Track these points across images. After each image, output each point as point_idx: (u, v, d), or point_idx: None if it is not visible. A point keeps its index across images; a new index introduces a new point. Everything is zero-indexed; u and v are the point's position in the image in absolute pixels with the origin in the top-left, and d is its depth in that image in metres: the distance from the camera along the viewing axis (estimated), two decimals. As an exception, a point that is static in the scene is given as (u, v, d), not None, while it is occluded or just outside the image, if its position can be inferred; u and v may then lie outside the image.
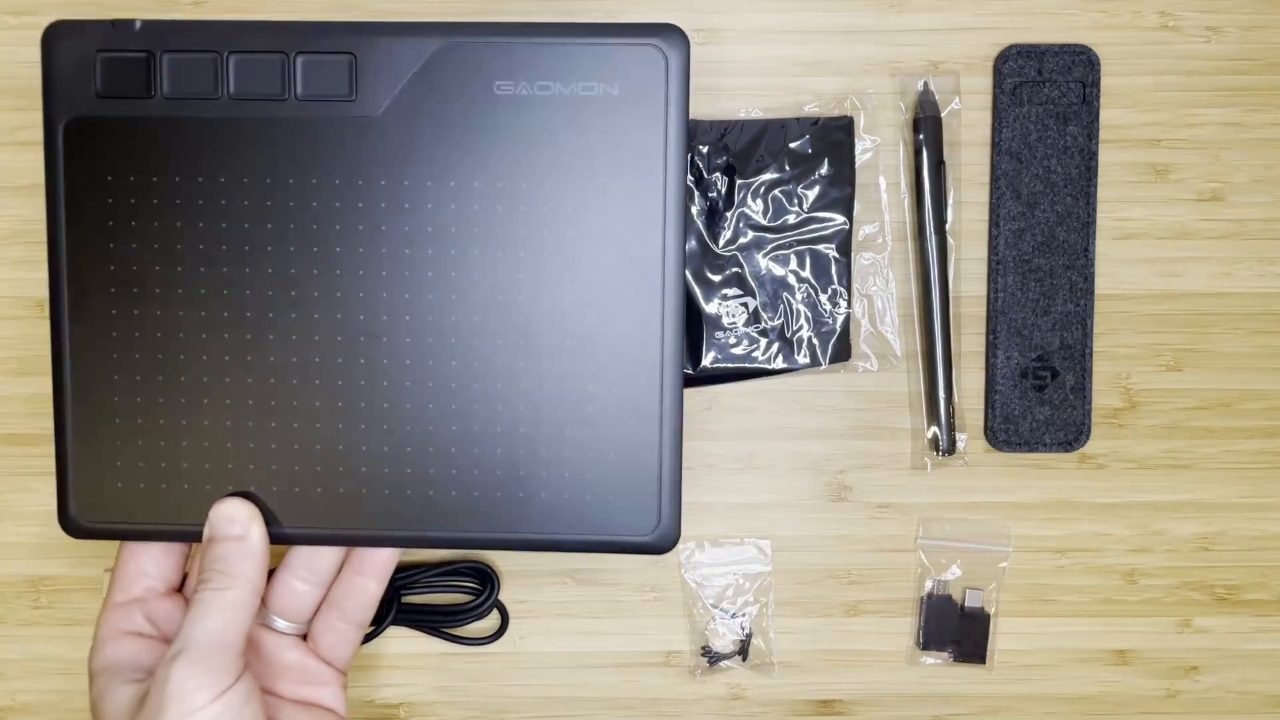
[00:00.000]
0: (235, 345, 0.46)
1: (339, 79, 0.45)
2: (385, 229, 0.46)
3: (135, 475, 0.47)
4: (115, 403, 0.47)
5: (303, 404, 0.46)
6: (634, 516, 0.47)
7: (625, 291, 0.46)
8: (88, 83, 0.46)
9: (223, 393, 0.47)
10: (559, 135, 0.45)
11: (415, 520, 0.47)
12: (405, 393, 0.46)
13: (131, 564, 0.48)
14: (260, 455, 0.47)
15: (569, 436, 0.46)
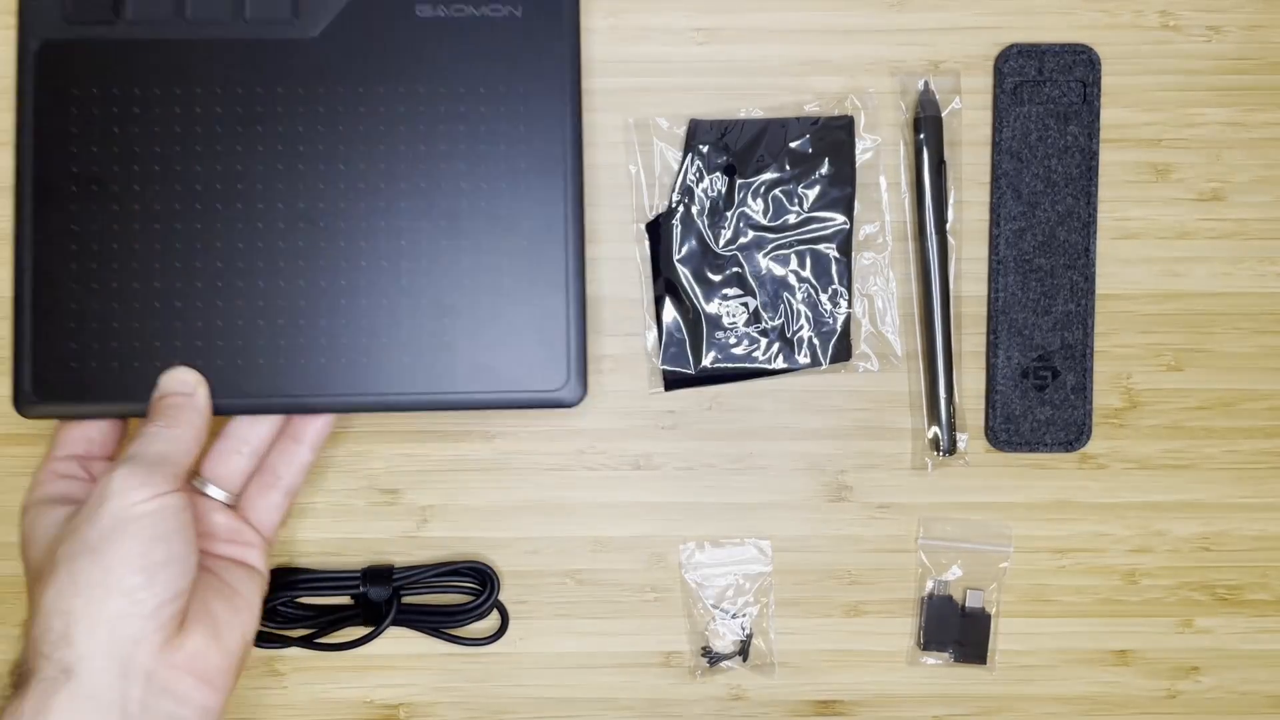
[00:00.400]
0: (186, 235, 0.51)
1: (282, 3, 0.52)
2: (322, 131, 0.52)
3: (88, 356, 0.51)
4: (72, 289, 0.51)
5: (247, 285, 0.52)
6: (545, 375, 0.52)
7: (533, 177, 0.52)
8: (57, 7, 0.51)
9: (172, 277, 0.51)
10: (471, 50, 0.52)
11: (351, 385, 0.52)
12: (340, 272, 0.52)
13: (75, 429, 0.51)
14: (207, 334, 0.51)
15: (487, 305, 0.52)
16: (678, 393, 0.59)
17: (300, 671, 0.59)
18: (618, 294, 0.58)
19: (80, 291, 0.51)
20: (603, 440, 0.59)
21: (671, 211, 0.58)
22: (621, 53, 0.58)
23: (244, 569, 0.51)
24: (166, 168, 0.51)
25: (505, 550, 0.59)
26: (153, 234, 0.51)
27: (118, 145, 0.51)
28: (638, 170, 0.58)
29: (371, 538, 0.59)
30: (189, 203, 0.51)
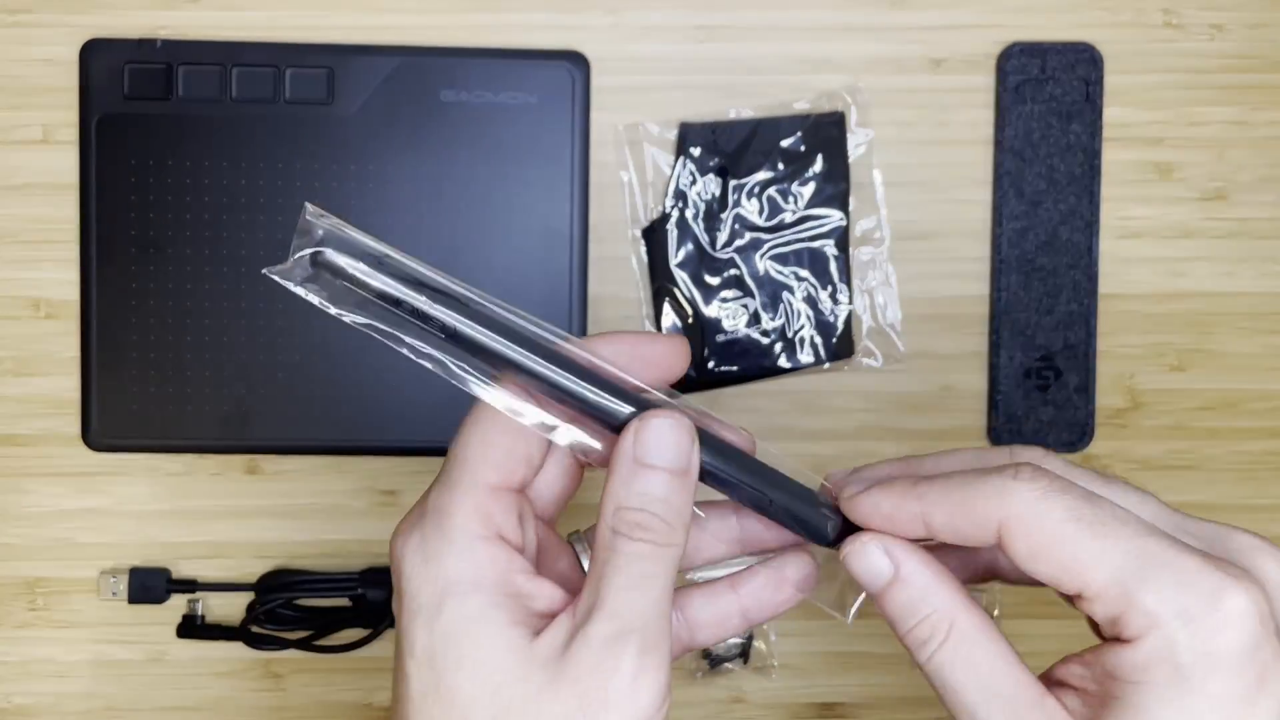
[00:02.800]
0: (233, 294, 0.57)
1: (319, 87, 0.57)
2: (355, 202, 0.58)
3: (146, 400, 0.57)
4: (132, 341, 0.57)
5: (287, 339, 0.57)
6: None
7: (542, 254, 0.57)
8: (117, 87, 0.57)
9: (221, 330, 0.57)
10: (490, 132, 0.57)
11: (377, 430, 0.57)
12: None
13: (502, 439, 0.35)
14: (250, 381, 0.57)
15: None
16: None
17: (299, 674, 0.59)
18: (617, 294, 0.58)
19: (138, 343, 0.57)
20: (602, 441, 0.59)
21: (666, 216, 0.58)
22: (621, 51, 0.58)
23: None
24: (215, 232, 0.57)
25: (504, 552, 0.59)
26: (203, 293, 0.57)
27: (171, 212, 0.57)
28: (630, 177, 0.58)
29: (370, 539, 0.59)
30: (235, 265, 0.57)
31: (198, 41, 0.57)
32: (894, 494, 0.34)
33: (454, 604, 0.33)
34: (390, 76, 0.57)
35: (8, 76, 0.57)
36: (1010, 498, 0.32)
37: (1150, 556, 0.31)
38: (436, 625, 0.33)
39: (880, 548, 0.34)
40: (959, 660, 0.33)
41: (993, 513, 0.32)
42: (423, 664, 0.33)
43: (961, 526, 0.33)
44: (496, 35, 0.57)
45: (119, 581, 0.58)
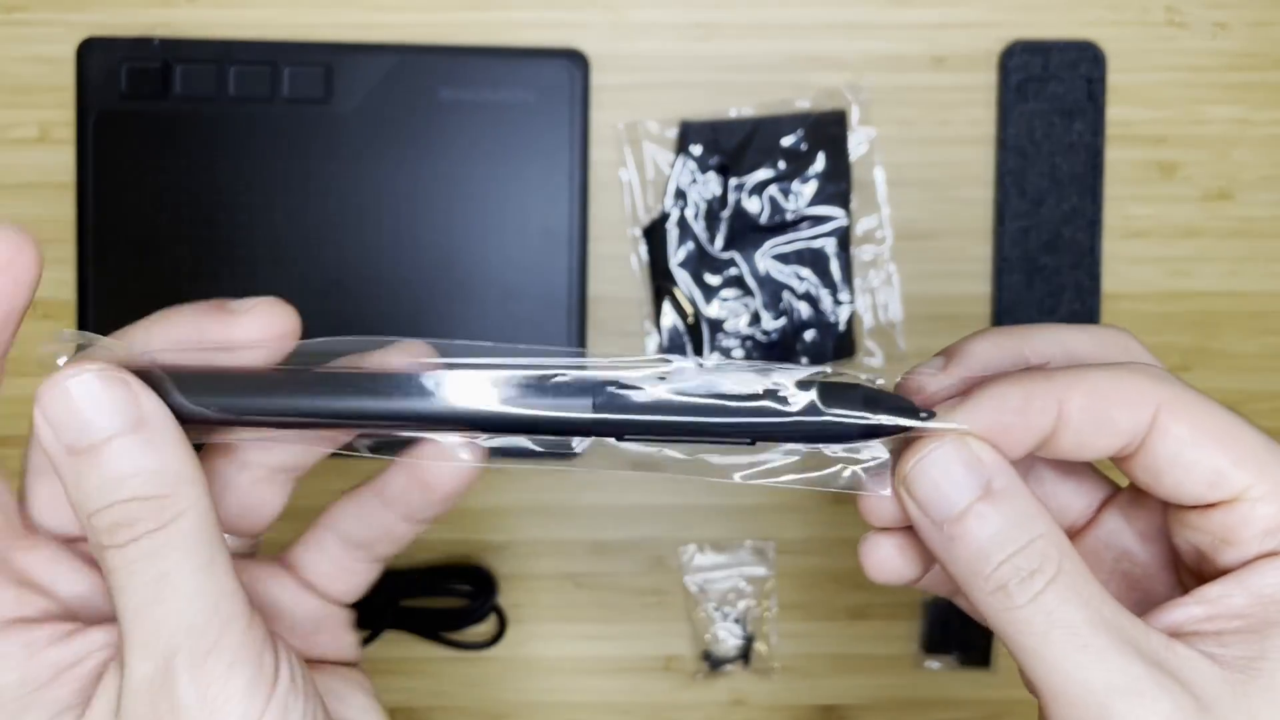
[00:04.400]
0: (229, 293, 0.56)
1: (317, 85, 0.56)
2: (352, 201, 0.57)
3: None
4: None
5: None
6: None
7: (540, 253, 0.57)
8: (114, 86, 0.56)
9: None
10: (488, 130, 0.56)
11: None
12: (365, 331, 0.57)
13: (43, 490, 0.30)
14: None
15: None
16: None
17: (296, 676, 0.59)
18: (617, 293, 0.58)
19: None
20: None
21: (666, 215, 0.57)
22: (621, 49, 0.57)
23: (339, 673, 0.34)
24: (212, 231, 0.57)
25: (503, 553, 0.59)
26: (201, 293, 0.57)
27: (168, 210, 0.56)
28: (629, 176, 0.58)
29: (368, 540, 0.58)
30: (232, 264, 0.57)
31: (195, 40, 0.56)
32: (1021, 384, 0.27)
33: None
34: (388, 75, 0.56)
35: (4, 75, 0.57)
36: (1168, 388, 0.27)
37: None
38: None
39: (971, 450, 0.27)
40: (1077, 595, 0.26)
41: (1150, 393, 0.27)
42: None
43: (1108, 410, 0.27)
44: (495, 33, 0.57)
45: (115, 583, 0.57)
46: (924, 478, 0.27)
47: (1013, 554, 0.26)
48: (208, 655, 0.26)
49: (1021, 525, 0.26)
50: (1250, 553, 0.26)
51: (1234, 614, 0.26)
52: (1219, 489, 0.26)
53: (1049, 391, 0.27)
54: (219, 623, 0.26)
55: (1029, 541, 0.26)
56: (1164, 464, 0.27)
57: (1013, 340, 0.30)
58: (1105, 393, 0.27)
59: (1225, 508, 0.26)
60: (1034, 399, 0.27)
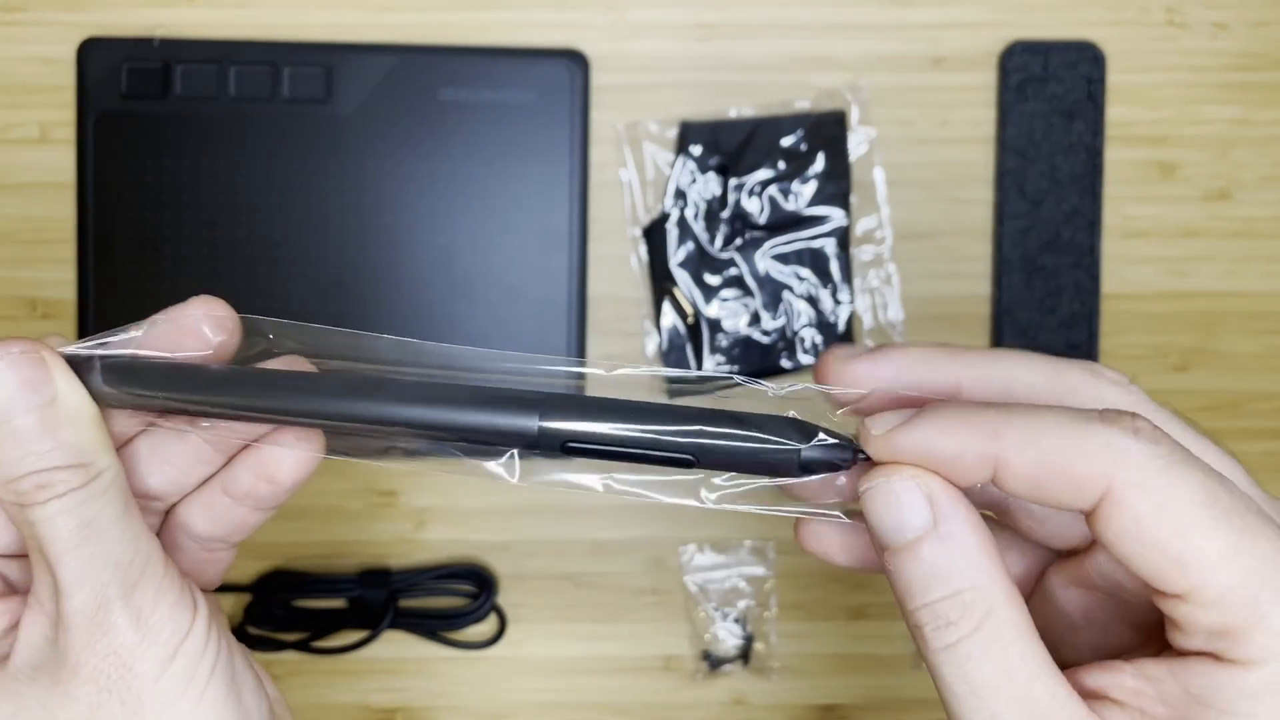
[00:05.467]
0: (229, 293, 0.56)
1: (317, 85, 0.56)
2: (352, 201, 0.57)
3: None
4: None
5: None
6: None
7: (540, 253, 0.57)
8: (115, 86, 0.56)
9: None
10: (488, 131, 0.57)
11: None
12: (365, 330, 0.54)
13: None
14: None
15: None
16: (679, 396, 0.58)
17: (296, 675, 0.59)
18: (617, 293, 0.58)
19: None
20: (602, 441, 0.59)
21: (666, 215, 0.57)
22: (621, 49, 0.57)
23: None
24: (212, 231, 0.57)
25: (503, 553, 0.59)
26: (199, 292, 0.55)
27: (168, 211, 0.56)
28: (629, 176, 0.58)
29: (368, 540, 0.58)
30: (233, 264, 0.57)
31: (195, 40, 0.56)
32: (958, 426, 0.26)
33: None
34: (388, 75, 0.56)
35: (5, 75, 0.57)
36: (1126, 459, 0.24)
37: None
38: None
39: (922, 488, 0.26)
40: (991, 657, 0.25)
41: (1100, 472, 0.24)
42: None
43: (1049, 482, 0.25)
44: (495, 33, 0.57)
45: (115, 583, 0.57)
46: (874, 502, 0.26)
47: (935, 600, 0.26)
48: (135, 585, 0.28)
49: (952, 574, 0.25)
50: (1194, 645, 0.25)
51: (1163, 700, 0.25)
52: (1162, 584, 0.25)
53: (984, 446, 0.25)
54: (141, 559, 0.29)
55: (955, 592, 0.25)
56: (1111, 541, 0.25)
57: (950, 362, 0.28)
58: (1047, 463, 0.25)
59: (1170, 600, 0.25)
60: (966, 451, 0.26)
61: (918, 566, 0.26)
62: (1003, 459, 0.25)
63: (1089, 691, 0.26)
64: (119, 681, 0.28)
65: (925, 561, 0.26)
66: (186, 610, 0.29)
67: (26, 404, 0.28)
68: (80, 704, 0.28)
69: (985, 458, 0.25)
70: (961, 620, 0.25)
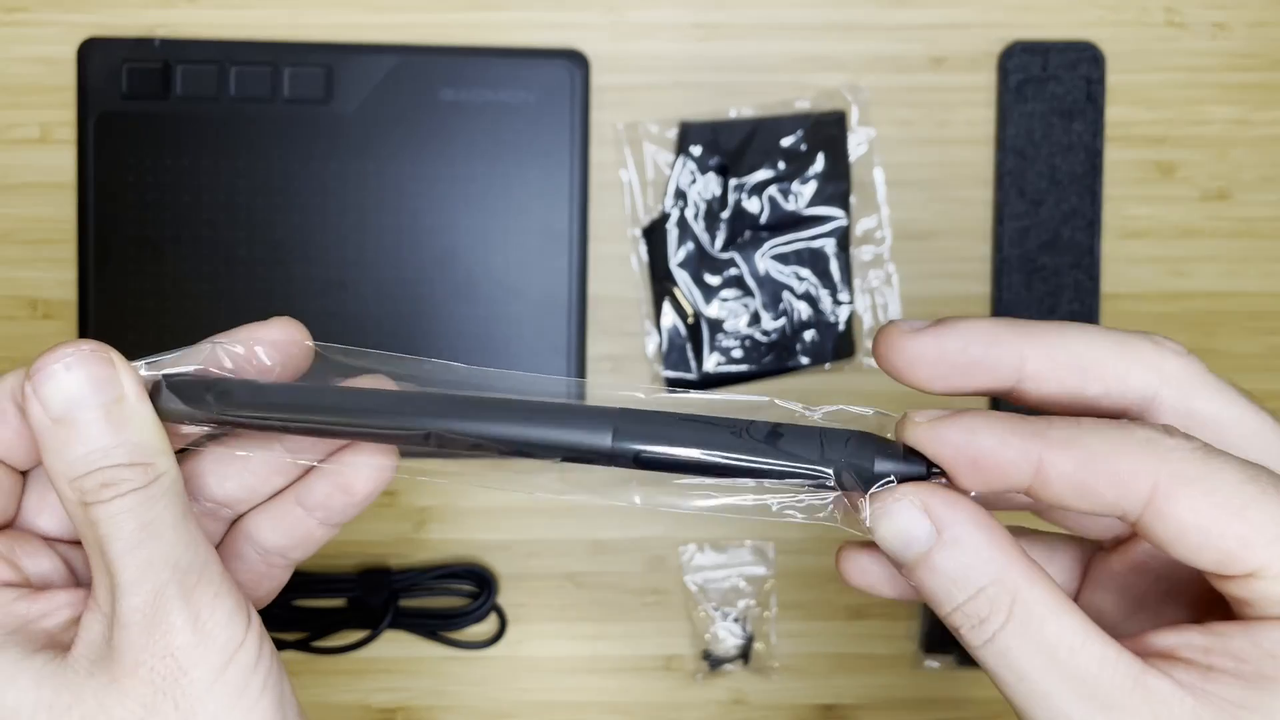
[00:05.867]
0: (229, 294, 0.57)
1: (317, 86, 0.56)
2: (352, 202, 0.57)
3: None
4: (130, 340, 0.56)
5: None
6: None
7: (540, 253, 0.57)
8: (115, 86, 0.56)
9: (218, 330, 0.55)
10: (489, 131, 0.57)
11: None
12: (366, 331, 0.57)
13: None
14: None
15: (497, 367, 0.55)
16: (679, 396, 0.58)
17: (296, 675, 0.59)
18: (617, 293, 0.58)
19: (136, 343, 0.56)
20: (602, 441, 0.59)
21: (666, 216, 0.57)
22: (621, 49, 0.58)
23: None
24: (213, 232, 0.57)
25: (503, 553, 0.59)
26: (201, 293, 0.57)
27: (169, 211, 0.57)
28: (630, 176, 0.58)
29: (368, 540, 0.58)
30: (233, 264, 0.57)
31: (196, 40, 0.57)
32: (1002, 421, 0.26)
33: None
34: (389, 75, 0.56)
35: (6, 75, 0.57)
36: (1170, 455, 0.25)
37: None
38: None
39: (916, 502, 0.26)
40: (1028, 642, 0.26)
41: (1145, 470, 0.24)
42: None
43: (1094, 481, 0.25)
44: (496, 34, 0.57)
45: (116, 582, 0.57)
46: (881, 528, 0.27)
47: (961, 603, 0.26)
48: (195, 587, 0.28)
49: (969, 574, 0.26)
50: (1267, 613, 0.25)
51: (1232, 655, 0.25)
52: (1228, 567, 0.25)
53: (1028, 444, 0.25)
54: (200, 562, 0.29)
55: (978, 590, 0.26)
56: (1165, 540, 0.25)
57: (1016, 336, 0.28)
58: (1096, 464, 0.25)
59: (1238, 580, 0.25)
60: (1009, 447, 0.26)
61: (935, 576, 0.26)
62: (1046, 459, 0.25)
63: (1155, 651, 0.26)
64: (174, 684, 0.28)
65: (940, 570, 0.26)
66: (241, 620, 0.29)
67: (94, 400, 0.28)
68: (135, 702, 0.28)
69: (1028, 454, 0.25)
70: (992, 615, 0.26)
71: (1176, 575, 0.29)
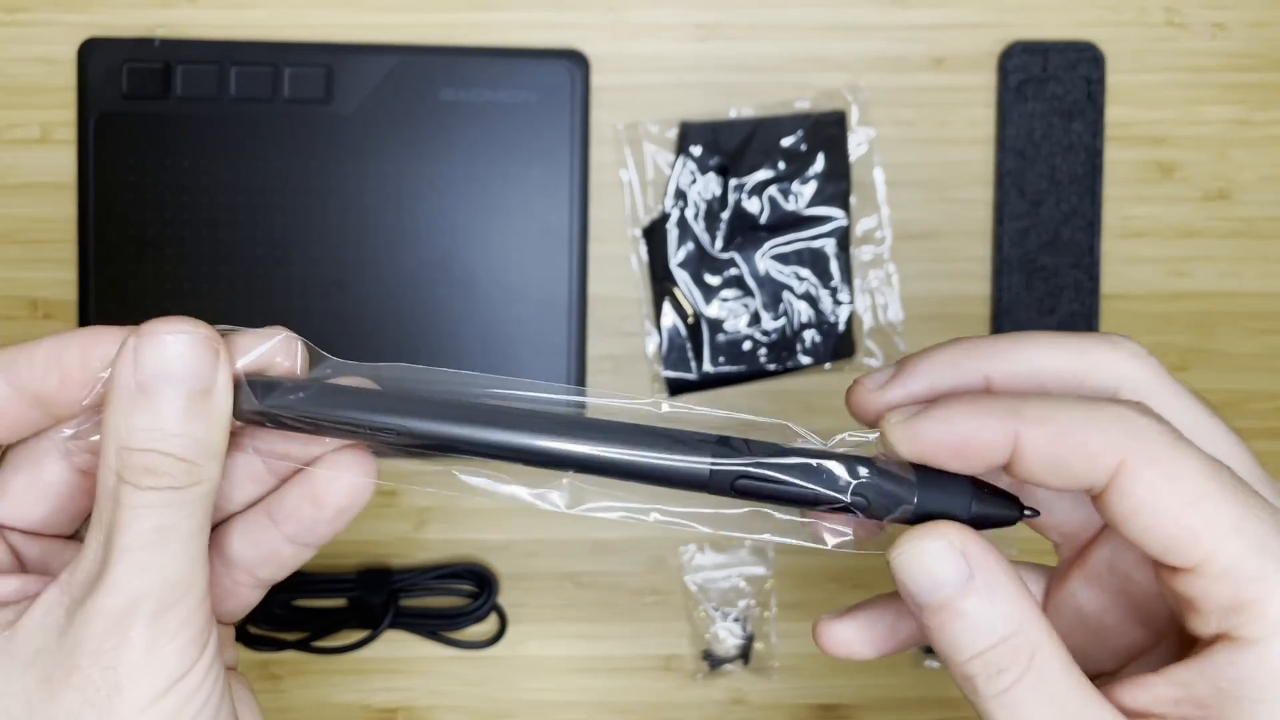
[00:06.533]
0: (230, 295, 0.57)
1: (318, 86, 0.56)
2: (352, 202, 0.57)
3: None
4: None
5: None
6: None
7: (540, 253, 0.57)
8: (115, 86, 0.56)
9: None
10: (489, 131, 0.57)
11: None
12: (366, 331, 0.57)
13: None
14: None
15: (497, 367, 0.57)
16: (679, 396, 0.58)
17: (297, 675, 0.59)
18: (617, 293, 0.58)
19: None
20: (602, 441, 0.59)
21: (666, 216, 0.57)
22: (621, 49, 0.58)
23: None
24: (213, 232, 0.57)
25: (504, 552, 0.59)
26: (201, 293, 0.57)
27: (169, 211, 0.57)
28: (630, 176, 0.58)
29: (368, 540, 0.58)
30: (233, 265, 0.57)
31: (196, 40, 0.57)
32: (977, 406, 0.26)
33: None
34: (389, 75, 0.56)
35: (6, 75, 0.57)
36: (1140, 434, 0.25)
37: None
38: None
39: (955, 543, 0.26)
40: (1041, 695, 0.26)
41: (1114, 444, 0.25)
42: None
43: (1065, 457, 0.26)
44: (496, 34, 0.57)
45: (116, 582, 0.57)
46: (908, 566, 0.27)
47: (983, 650, 0.26)
48: (170, 608, 0.27)
49: (995, 624, 0.26)
50: (1210, 627, 0.25)
51: (1198, 703, 0.25)
52: (1176, 556, 0.25)
53: (1004, 424, 0.26)
54: (188, 584, 0.28)
55: (1003, 639, 0.26)
56: (1124, 517, 0.25)
57: (975, 359, 0.29)
58: (1067, 438, 0.26)
59: (1185, 574, 0.25)
60: (986, 429, 0.26)
61: (961, 621, 0.26)
62: (1022, 435, 0.26)
63: (1131, 711, 0.26)
64: (105, 700, 0.27)
65: (969, 614, 0.26)
66: (196, 649, 0.28)
67: (183, 383, 0.27)
68: (60, 710, 0.27)
69: (1005, 434, 0.26)
70: (1012, 665, 0.26)
71: (1133, 591, 0.30)
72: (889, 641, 0.31)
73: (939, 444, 0.27)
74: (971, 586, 0.26)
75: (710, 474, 0.28)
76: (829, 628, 0.31)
